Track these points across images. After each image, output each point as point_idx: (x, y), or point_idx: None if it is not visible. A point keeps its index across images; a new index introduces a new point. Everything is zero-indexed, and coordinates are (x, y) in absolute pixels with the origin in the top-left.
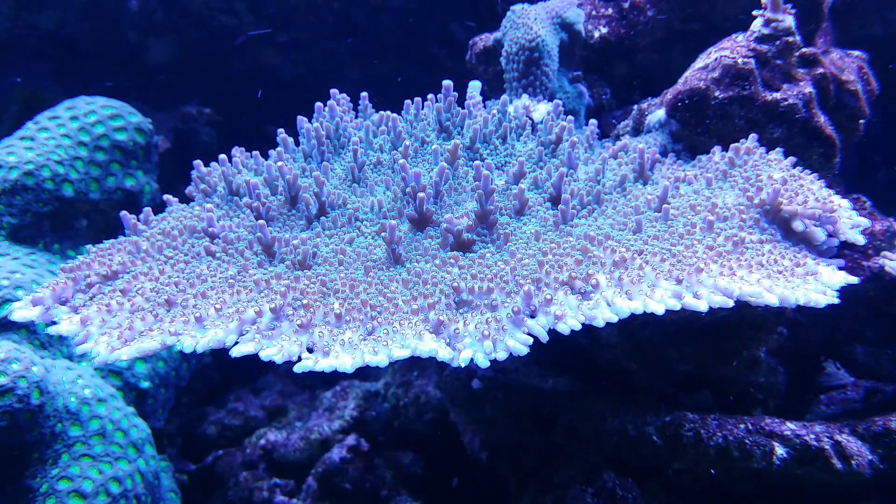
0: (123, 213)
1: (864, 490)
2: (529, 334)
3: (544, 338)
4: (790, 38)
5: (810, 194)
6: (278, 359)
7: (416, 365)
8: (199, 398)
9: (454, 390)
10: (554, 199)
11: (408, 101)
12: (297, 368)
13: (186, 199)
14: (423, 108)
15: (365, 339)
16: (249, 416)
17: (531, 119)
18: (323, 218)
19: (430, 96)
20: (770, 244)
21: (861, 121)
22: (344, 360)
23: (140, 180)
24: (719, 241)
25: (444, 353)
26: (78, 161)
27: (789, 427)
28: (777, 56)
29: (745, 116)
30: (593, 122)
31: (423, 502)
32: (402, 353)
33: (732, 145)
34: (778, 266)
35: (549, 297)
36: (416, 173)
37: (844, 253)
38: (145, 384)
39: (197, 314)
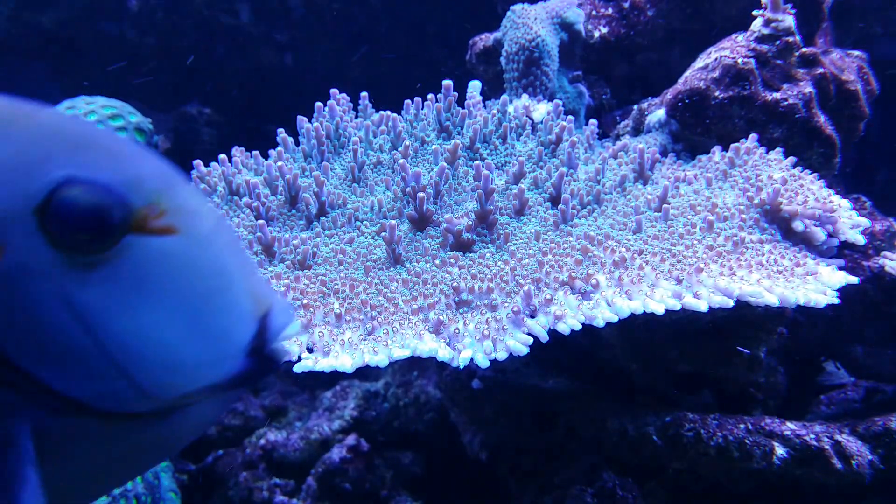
0: None
1: (864, 490)
2: (529, 334)
3: (544, 338)
4: (790, 38)
5: (810, 194)
6: None
7: (416, 365)
8: None
9: (454, 390)
10: (554, 198)
11: (408, 101)
12: (296, 368)
13: None
14: (423, 108)
15: (365, 339)
16: (249, 415)
17: (531, 119)
18: (323, 218)
19: (430, 96)
20: (770, 244)
21: (861, 121)
22: (344, 360)
23: None
24: (719, 240)
25: (444, 353)
26: None
27: (789, 427)
28: (777, 56)
29: (745, 116)
30: (593, 122)
31: (423, 502)
32: (402, 353)
33: (732, 145)
34: (778, 266)
35: (549, 297)
36: (416, 173)
37: (844, 253)
38: None
39: None
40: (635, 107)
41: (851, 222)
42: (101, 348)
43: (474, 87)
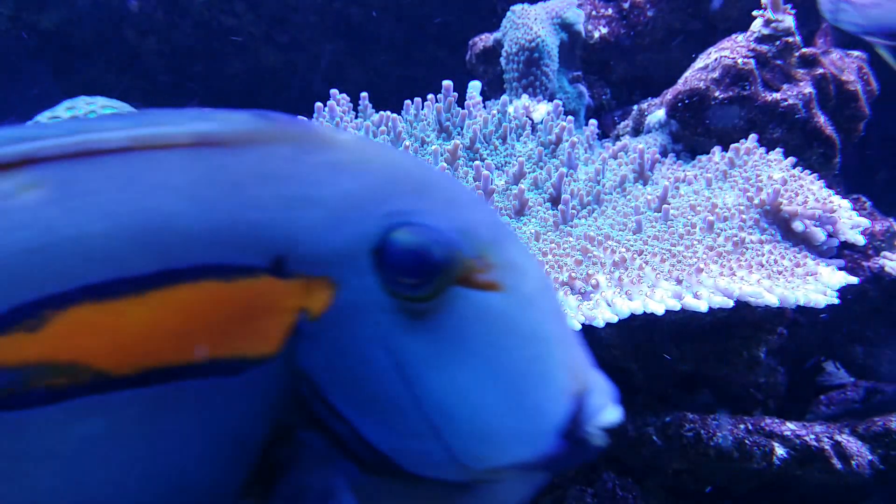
0: None
1: (864, 490)
2: None
3: None
4: (790, 39)
5: (810, 194)
6: None
7: None
8: None
9: None
10: (554, 199)
11: (408, 102)
12: None
13: None
14: (422, 109)
15: None
16: None
17: (531, 119)
18: None
19: (429, 96)
20: (770, 244)
21: (861, 121)
22: None
23: None
24: (719, 241)
25: None
26: None
27: (789, 427)
28: (777, 56)
29: (745, 117)
30: (593, 122)
31: None
32: None
33: (732, 145)
34: (778, 266)
35: None
36: None
37: (844, 253)
38: None
39: None
40: (635, 107)
41: (851, 222)
42: (417, 403)
43: (474, 87)
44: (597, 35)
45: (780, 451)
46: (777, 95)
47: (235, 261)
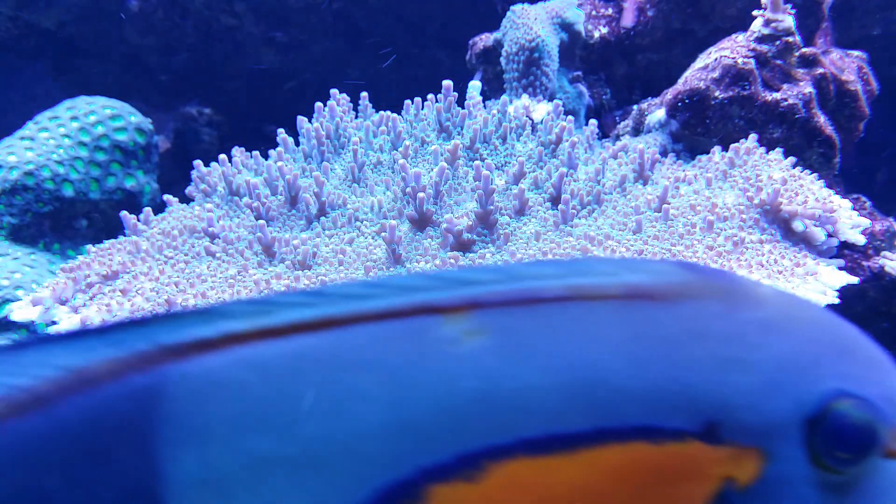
0: (124, 213)
1: None
2: None
3: None
4: (790, 38)
5: (810, 194)
6: None
7: None
8: None
9: None
10: (554, 199)
11: (408, 102)
12: None
13: (186, 199)
14: (423, 109)
15: None
16: None
17: (531, 119)
18: (323, 218)
19: (430, 96)
20: (770, 244)
21: (861, 121)
22: None
23: (140, 180)
24: (719, 241)
25: None
26: (78, 161)
27: None
28: (777, 56)
29: (745, 116)
30: (593, 122)
31: None
32: None
33: (732, 145)
34: (778, 266)
35: None
36: (416, 173)
37: (844, 253)
38: None
39: None
40: (635, 107)
41: (851, 222)
42: None
43: (474, 87)
44: (597, 35)
45: None
46: (777, 95)
47: (667, 423)
